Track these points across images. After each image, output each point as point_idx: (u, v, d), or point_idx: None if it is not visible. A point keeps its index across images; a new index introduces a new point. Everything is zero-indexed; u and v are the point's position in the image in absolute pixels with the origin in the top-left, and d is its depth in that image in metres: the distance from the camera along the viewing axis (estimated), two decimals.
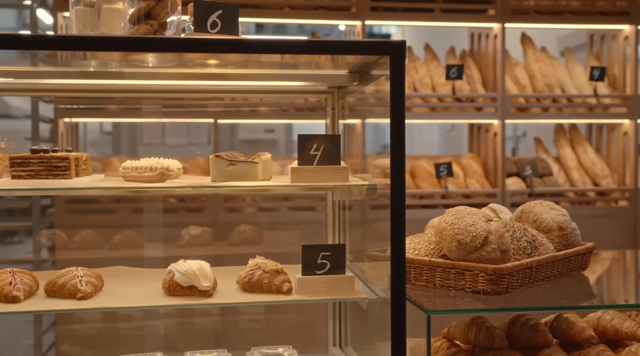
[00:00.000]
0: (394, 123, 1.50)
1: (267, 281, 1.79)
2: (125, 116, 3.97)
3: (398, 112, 1.50)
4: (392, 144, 1.50)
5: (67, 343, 3.51)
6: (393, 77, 1.50)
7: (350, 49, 1.51)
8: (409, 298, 1.71)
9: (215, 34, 1.65)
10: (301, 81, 1.98)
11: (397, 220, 1.52)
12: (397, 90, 1.49)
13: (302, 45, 1.48)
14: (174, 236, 2.98)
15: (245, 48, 1.50)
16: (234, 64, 1.83)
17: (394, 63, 1.49)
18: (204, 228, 2.96)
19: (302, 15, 4.17)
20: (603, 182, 4.43)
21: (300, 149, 1.77)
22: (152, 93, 2.21)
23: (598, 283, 2.30)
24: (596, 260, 2.95)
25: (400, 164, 1.50)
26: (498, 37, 4.29)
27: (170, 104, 3.87)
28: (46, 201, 3.86)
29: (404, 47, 1.50)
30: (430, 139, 12.57)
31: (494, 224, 1.76)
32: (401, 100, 1.50)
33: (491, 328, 2.02)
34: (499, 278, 1.67)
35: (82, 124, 10.44)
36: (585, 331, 2.05)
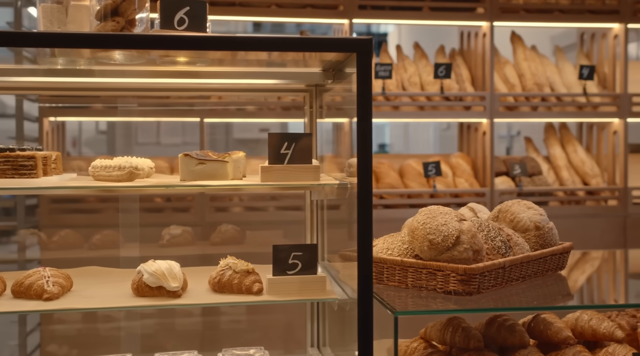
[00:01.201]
0: (361, 122, 1.48)
1: (238, 281, 1.77)
2: (110, 115, 3.94)
3: (365, 111, 1.48)
4: (359, 142, 1.48)
5: (53, 344, 3.49)
6: (360, 74, 1.47)
7: (315, 46, 1.48)
8: (379, 298, 1.68)
9: (183, 30, 1.63)
10: (275, 78, 1.96)
11: (364, 219, 1.50)
12: (363, 87, 1.47)
13: (265, 43, 1.46)
14: (155, 236, 2.95)
15: (206, 45, 1.48)
16: (208, 62, 1.81)
17: (361, 60, 1.47)
18: (185, 227, 2.94)
19: (290, 13, 4.15)
20: (593, 181, 4.41)
21: (271, 148, 1.75)
22: (129, 91, 2.18)
23: (577, 283, 2.28)
24: (585, 260, 2.93)
25: (367, 163, 1.48)
26: (487, 35, 4.27)
27: (156, 103, 3.85)
28: (32, 201, 3.84)
29: (370, 44, 1.48)
30: (425, 139, 12.55)
31: (466, 223, 1.74)
32: (368, 98, 1.48)
33: (467, 329, 2.00)
34: (470, 278, 1.64)
35: (77, 123, 10.46)
36: (563, 331, 2.03)
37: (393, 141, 15.17)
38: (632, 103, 4.37)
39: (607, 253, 3.27)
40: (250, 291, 1.76)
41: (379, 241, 1.92)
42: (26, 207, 3.69)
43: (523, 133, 7.91)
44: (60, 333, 3.12)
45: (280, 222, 3.70)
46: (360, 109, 1.48)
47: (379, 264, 1.82)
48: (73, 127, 10.50)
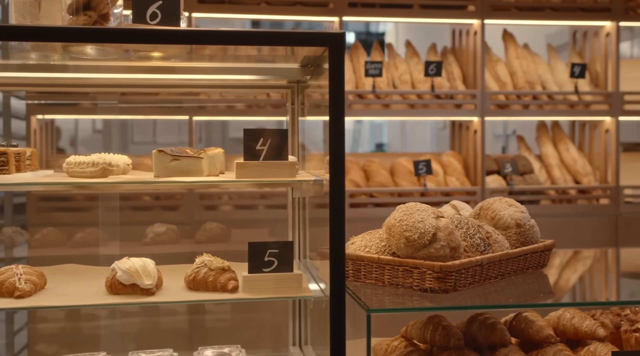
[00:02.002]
0: (334, 118, 1.46)
1: (213, 279, 1.75)
2: (97, 113, 3.92)
3: (337, 106, 1.46)
4: (331, 139, 1.46)
5: (42, 343, 3.47)
6: (332, 69, 1.45)
7: (286, 40, 1.46)
8: (354, 295, 1.67)
9: (155, 25, 1.61)
10: (254, 74, 1.94)
11: (336, 216, 1.48)
12: (335, 83, 1.45)
13: (236, 36, 1.44)
14: (139, 234, 2.94)
15: (171, 38, 1.46)
16: (185, 57, 1.79)
17: (333, 55, 1.45)
18: (169, 225, 2.92)
19: (279, 11, 4.13)
20: (584, 180, 4.39)
21: (247, 144, 1.73)
22: (105, 88, 2.17)
23: (562, 281, 2.26)
24: (577, 259, 2.92)
25: (339, 161, 1.46)
26: (478, 33, 4.25)
27: (143, 100, 3.83)
28: (21, 199, 3.82)
29: (342, 38, 1.46)
30: (422, 138, 12.54)
31: (443, 220, 1.72)
32: (340, 93, 1.46)
33: (448, 327, 1.98)
34: (447, 275, 1.63)
35: (73, 122, 10.43)
36: (544, 330, 2.01)
37: (391, 140, 15.16)
38: (624, 101, 4.35)
39: (598, 251, 3.25)
40: (225, 289, 1.74)
41: (357, 238, 1.90)
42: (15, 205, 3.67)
43: (519, 132, 7.89)
44: (48, 332, 3.10)
45: (268, 220, 3.68)
46: (332, 104, 1.46)
47: (356, 261, 1.80)
48: (69, 126, 10.48)
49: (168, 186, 1.70)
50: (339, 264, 1.47)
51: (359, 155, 4.66)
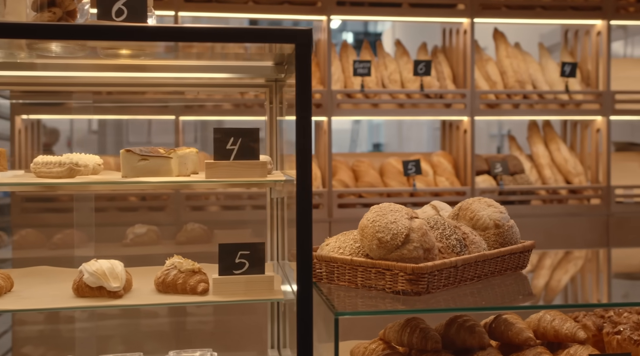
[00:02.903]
0: (300, 118, 1.43)
1: (182, 281, 1.71)
2: (83, 113, 3.89)
3: (304, 105, 1.42)
4: (298, 139, 1.42)
5: (28, 345, 3.44)
6: (299, 67, 1.42)
7: (252, 37, 1.43)
8: (325, 298, 1.63)
9: (121, 21, 1.57)
10: (228, 72, 1.90)
11: (303, 217, 1.45)
12: (303, 81, 1.42)
13: (204, 33, 1.40)
14: (120, 235, 2.90)
15: (134, 35, 1.42)
16: (154, 55, 1.76)
17: (300, 52, 1.42)
18: (150, 226, 2.89)
19: (267, 10, 4.09)
20: (575, 180, 4.36)
21: (217, 143, 1.69)
22: (79, 86, 2.13)
23: (543, 282, 2.22)
24: (568, 259, 2.88)
25: (306, 161, 1.43)
26: (468, 32, 4.22)
27: (130, 99, 3.79)
28: (5, 200, 3.79)
29: (309, 34, 1.43)
30: (419, 138, 12.51)
31: (417, 221, 1.69)
32: (307, 92, 1.42)
33: (425, 330, 1.94)
34: (419, 277, 1.59)
35: (68, 122, 10.38)
36: (524, 332, 1.98)
37: (388, 140, 15.13)
38: (615, 101, 4.32)
39: (589, 252, 3.22)
40: (195, 291, 1.70)
41: (332, 239, 1.86)
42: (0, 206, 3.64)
43: (514, 132, 7.87)
44: (24, 334, 3.06)
45: (253, 221, 3.65)
46: (299, 103, 1.43)
47: (330, 263, 1.77)
48: (65, 127, 10.44)
49: (137, 186, 1.67)
50: (306, 266, 1.43)
51: (348, 155, 4.63)
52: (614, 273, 2.62)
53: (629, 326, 2.08)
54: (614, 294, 2.29)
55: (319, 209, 4.03)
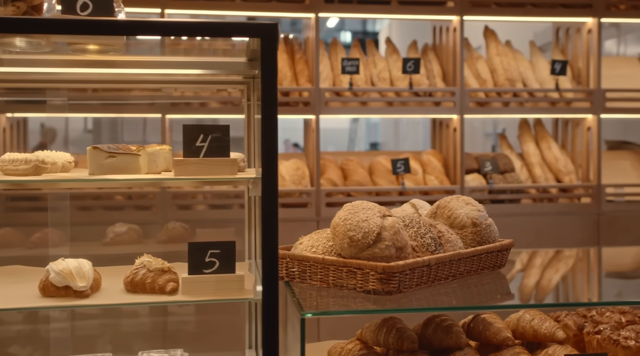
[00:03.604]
0: (266, 116, 1.40)
1: (151, 280, 1.68)
2: (68, 111, 3.85)
3: (269, 103, 1.39)
4: (263, 137, 1.39)
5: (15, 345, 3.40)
6: (264, 62, 1.39)
7: (218, 31, 1.40)
8: (295, 297, 1.61)
9: (87, 16, 1.54)
10: (202, 68, 1.87)
11: (268, 215, 1.42)
12: (268, 77, 1.39)
13: (167, 27, 1.38)
14: (101, 234, 2.88)
15: (96, 29, 1.39)
16: (124, 51, 1.73)
17: (265, 46, 1.39)
18: (131, 225, 2.86)
19: (255, 7, 4.06)
20: (566, 178, 4.33)
21: (186, 140, 1.66)
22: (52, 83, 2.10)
23: (529, 281, 2.20)
24: (559, 258, 2.86)
25: (272, 160, 1.40)
26: (457, 30, 4.19)
27: (116, 96, 3.76)
28: None
29: (275, 29, 1.40)
30: (415, 137, 12.48)
31: (390, 219, 1.66)
32: (273, 89, 1.39)
33: (402, 330, 1.92)
34: (390, 277, 1.56)
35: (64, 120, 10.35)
36: (502, 332, 1.95)
37: (386, 139, 15.11)
38: (605, 99, 4.29)
39: (580, 251, 3.19)
40: (164, 291, 1.67)
41: (305, 238, 1.84)
42: None
43: (508, 130, 7.85)
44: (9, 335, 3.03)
45: (238, 220, 3.61)
46: (264, 100, 1.40)
47: (302, 262, 1.74)
48: (60, 125, 10.42)
49: (106, 183, 1.64)
50: (272, 266, 1.40)
51: (337, 153, 4.60)
52: (602, 272, 2.59)
53: (610, 326, 2.05)
54: (599, 293, 2.26)
55: (307, 208, 4.00)
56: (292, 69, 4.16)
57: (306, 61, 4.20)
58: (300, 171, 4.09)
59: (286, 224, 4.14)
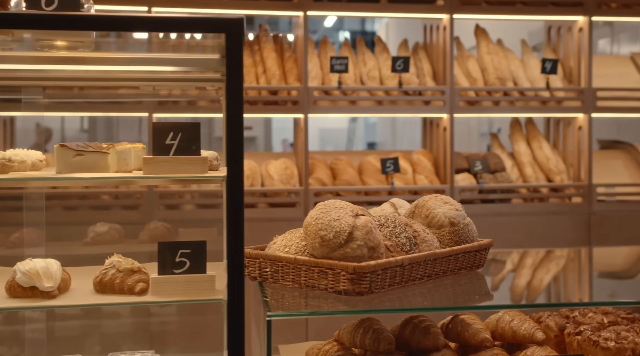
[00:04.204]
0: (231, 115, 1.37)
1: (120, 281, 1.66)
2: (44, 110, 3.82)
3: (235, 101, 1.36)
4: (228, 136, 1.36)
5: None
6: (229, 58, 1.36)
7: (181, 27, 1.37)
8: (266, 298, 1.58)
9: (52, 11, 1.52)
10: (173, 65, 1.84)
11: (233, 216, 1.39)
12: (233, 74, 1.36)
13: (127, 22, 1.35)
14: (81, 234, 2.85)
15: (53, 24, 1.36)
16: (91, 47, 1.70)
17: (230, 42, 1.36)
18: (112, 224, 2.83)
19: (243, 5, 4.03)
20: (557, 178, 4.30)
21: (156, 138, 1.63)
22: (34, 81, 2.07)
23: (502, 281, 2.17)
24: (547, 258, 2.83)
25: (237, 159, 1.37)
26: (447, 28, 4.16)
27: (100, 94, 3.73)
28: None
29: (240, 24, 1.37)
30: (412, 136, 12.45)
31: (362, 219, 1.63)
32: (239, 87, 1.36)
33: (379, 331, 1.89)
34: (361, 277, 1.53)
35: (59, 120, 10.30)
36: (480, 333, 1.92)
37: (384, 138, 15.09)
38: (596, 98, 4.26)
39: (569, 251, 3.16)
40: (132, 292, 1.65)
41: (279, 238, 1.81)
42: None
43: (504, 130, 7.81)
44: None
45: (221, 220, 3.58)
46: (229, 98, 1.37)
47: (275, 262, 1.71)
48: (55, 125, 10.39)
49: (75, 182, 1.61)
50: (237, 266, 1.38)
51: (326, 153, 4.57)
52: (589, 273, 2.56)
53: (591, 327, 2.02)
54: (583, 294, 2.23)
55: (295, 207, 3.97)
56: (281, 67, 4.14)
57: (295, 60, 4.17)
58: (289, 170, 4.06)
59: (274, 223, 4.13)
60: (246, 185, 3.95)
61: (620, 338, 1.93)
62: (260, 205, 3.99)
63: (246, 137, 11.96)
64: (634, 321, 2.15)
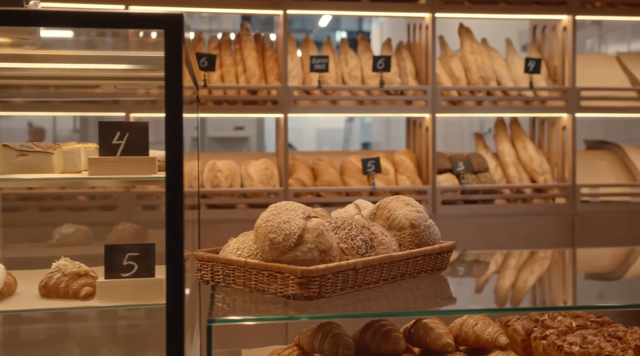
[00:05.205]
0: (170, 115, 1.32)
1: (65, 285, 1.61)
2: (31, 110, 3.78)
3: (174, 101, 1.32)
4: (167, 137, 1.32)
5: None
6: (168, 56, 1.31)
7: (118, 22, 1.32)
8: (213, 303, 1.53)
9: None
10: (123, 63, 1.80)
11: (173, 220, 1.35)
12: (173, 73, 1.31)
13: (60, 17, 1.30)
14: (47, 236, 2.80)
15: None
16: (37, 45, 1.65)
17: (170, 39, 1.31)
18: (79, 226, 2.78)
19: (223, 4, 3.99)
20: (540, 178, 4.26)
21: (102, 138, 1.59)
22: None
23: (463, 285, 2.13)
24: (539, 259, 2.78)
25: (176, 161, 1.32)
26: (429, 27, 4.12)
27: (77, 93, 3.69)
28: None
29: (180, 20, 1.32)
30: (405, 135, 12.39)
31: (314, 221, 1.59)
32: (178, 86, 1.32)
33: (338, 336, 1.84)
34: (310, 281, 1.49)
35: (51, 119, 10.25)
36: (442, 338, 1.88)
37: (378, 139, 15.04)
38: (580, 97, 4.22)
39: (553, 252, 3.12)
40: (78, 296, 1.60)
41: (233, 240, 1.76)
42: None
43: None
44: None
45: (206, 221, 3.54)
46: (169, 98, 1.32)
47: (227, 266, 1.66)
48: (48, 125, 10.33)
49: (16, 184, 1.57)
50: (177, 272, 1.33)
51: (308, 153, 4.52)
52: (562, 275, 2.52)
53: (557, 331, 1.98)
54: (557, 297, 2.19)
55: None
56: (262, 67, 4.09)
57: (277, 59, 4.12)
58: (269, 170, 4.02)
59: (254, 224, 4.08)
60: (225, 185, 3.91)
61: (586, 342, 1.89)
62: (239, 206, 3.94)
63: (238, 138, 11.91)
64: (604, 324, 2.11)
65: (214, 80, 3.97)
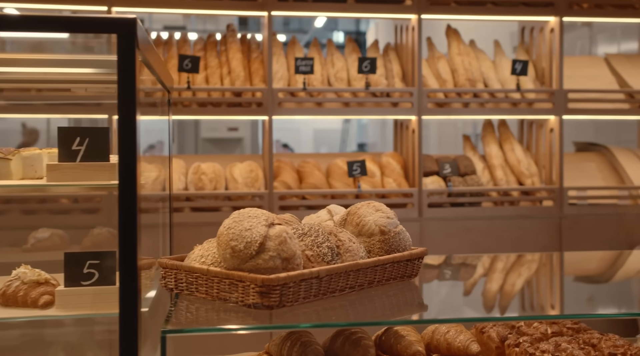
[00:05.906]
0: (123, 117, 1.29)
1: (23, 293, 1.58)
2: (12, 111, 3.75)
3: (127, 104, 1.29)
4: (121, 141, 1.29)
5: None
6: (121, 60, 1.28)
7: (69, 27, 1.29)
8: (171, 311, 1.50)
9: None
10: (87, 67, 1.77)
11: (126, 227, 1.32)
12: (126, 76, 1.28)
13: (7, 21, 1.27)
14: (22, 240, 2.77)
15: None
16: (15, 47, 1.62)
17: (122, 43, 1.28)
18: (54, 230, 2.75)
19: (207, 5, 3.96)
20: (528, 181, 4.23)
21: (62, 144, 1.56)
22: None
23: (437, 292, 2.10)
24: (521, 263, 2.75)
25: (130, 165, 1.29)
26: (416, 29, 4.09)
27: (50, 96, 3.65)
28: None
29: (133, 24, 1.29)
30: None
31: (277, 228, 1.56)
32: (131, 89, 1.29)
33: (306, 344, 1.82)
34: (270, 290, 1.46)
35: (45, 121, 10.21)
36: (412, 346, 1.85)
37: (374, 140, 15.01)
38: (567, 100, 4.19)
39: (547, 255, 3.09)
40: (36, 305, 1.57)
41: (198, 247, 1.73)
42: None
43: None
44: None
45: (190, 224, 3.51)
46: (121, 101, 1.30)
47: (190, 273, 1.64)
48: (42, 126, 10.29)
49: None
50: (130, 277, 1.30)
51: (294, 155, 4.49)
52: (540, 281, 2.49)
53: (531, 338, 1.95)
54: (537, 304, 2.15)
55: None
56: (247, 68, 4.06)
57: (262, 61, 4.09)
58: (254, 173, 3.99)
59: None
60: (209, 188, 3.88)
61: (559, 350, 1.86)
62: (224, 209, 3.91)
63: (233, 139, 11.86)
64: (579, 331, 2.09)
65: (199, 82, 3.94)
